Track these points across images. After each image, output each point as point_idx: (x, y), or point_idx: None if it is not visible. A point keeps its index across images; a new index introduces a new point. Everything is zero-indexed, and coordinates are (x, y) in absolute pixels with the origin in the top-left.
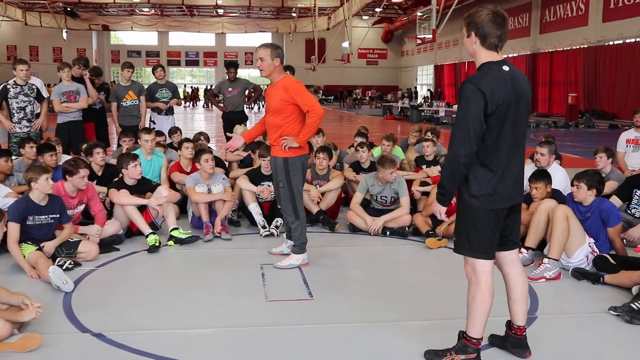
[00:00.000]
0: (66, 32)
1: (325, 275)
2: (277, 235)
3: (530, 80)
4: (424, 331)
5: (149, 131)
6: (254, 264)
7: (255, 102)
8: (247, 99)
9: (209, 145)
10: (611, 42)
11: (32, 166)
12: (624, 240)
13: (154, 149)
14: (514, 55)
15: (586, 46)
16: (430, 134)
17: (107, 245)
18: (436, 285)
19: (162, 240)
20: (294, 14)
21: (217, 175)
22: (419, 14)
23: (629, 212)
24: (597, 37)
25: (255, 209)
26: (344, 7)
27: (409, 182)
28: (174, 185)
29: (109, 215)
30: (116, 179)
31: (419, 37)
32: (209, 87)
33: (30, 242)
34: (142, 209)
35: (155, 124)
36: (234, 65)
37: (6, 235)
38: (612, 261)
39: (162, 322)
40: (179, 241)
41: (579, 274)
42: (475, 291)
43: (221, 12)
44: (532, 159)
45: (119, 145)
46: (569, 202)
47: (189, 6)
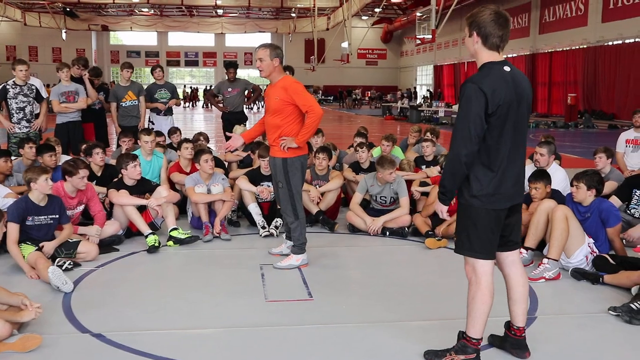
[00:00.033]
0: (65, 32)
1: (324, 275)
2: (277, 235)
3: (529, 80)
4: (424, 331)
5: (149, 132)
6: (254, 264)
7: (254, 102)
8: (247, 99)
9: (208, 145)
10: (610, 43)
11: (32, 166)
12: (624, 240)
13: (154, 149)
14: (513, 55)
15: (585, 46)
16: (429, 134)
17: (106, 245)
18: (435, 285)
19: (161, 240)
20: (294, 14)
21: (217, 175)
22: (418, 14)
23: (628, 212)
24: (596, 37)
25: (254, 210)
26: (343, 8)
27: (409, 183)
28: (173, 185)
29: (109, 215)
30: (116, 180)
31: (418, 37)
32: (208, 88)
33: (29, 243)
34: (142, 209)
35: (154, 124)
36: (233, 65)
37: (5, 235)
38: (611, 261)
39: (161, 323)
40: (178, 241)
41: (579, 274)
42: (475, 291)
43: (220, 12)
44: (532, 159)
45: (118, 145)
46: (569, 202)
47: (188, 6)
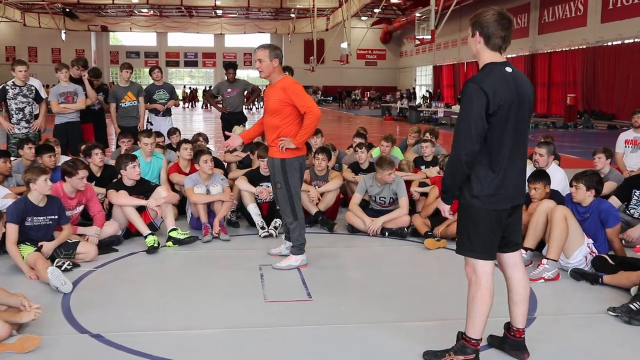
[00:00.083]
0: (65, 33)
1: (324, 276)
2: (276, 236)
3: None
4: (423, 332)
5: (149, 134)
6: (253, 264)
7: (253, 102)
8: (246, 100)
9: (207, 146)
10: (610, 43)
11: (31, 167)
12: (623, 240)
13: (153, 150)
14: (513, 55)
15: (585, 47)
16: (429, 135)
17: (105, 246)
18: (435, 285)
19: (160, 241)
20: (293, 15)
21: (216, 176)
22: (417, 14)
23: (627, 212)
24: (595, 37)
25: (254, 210)
26: (342, 8)
27: (408, 183)
28: (172, 186)
29: (108, 216)
30: (115, 180)
31: (417, 37)
32: (207, 88)
33: (29, 243)
34: (141, 209)
35: (152, 125)
36: (232, 66)
37: (5, 236)
38: (610, 262)
39: (160, 323)
40: (177, 242)
41: (578, 274)
42: (475, 292)
43: (220, 13)
44: (531, 159)
45: (117, 146)
46: (568, 202)
47: (187, 7)
